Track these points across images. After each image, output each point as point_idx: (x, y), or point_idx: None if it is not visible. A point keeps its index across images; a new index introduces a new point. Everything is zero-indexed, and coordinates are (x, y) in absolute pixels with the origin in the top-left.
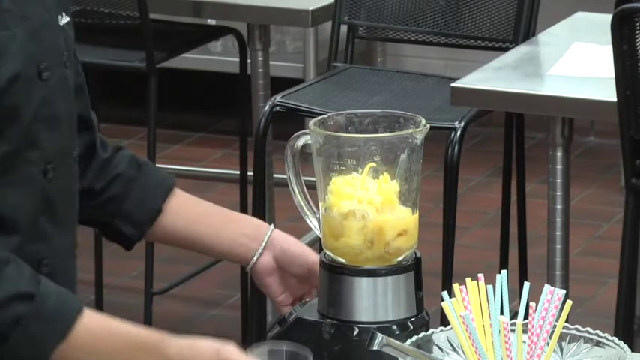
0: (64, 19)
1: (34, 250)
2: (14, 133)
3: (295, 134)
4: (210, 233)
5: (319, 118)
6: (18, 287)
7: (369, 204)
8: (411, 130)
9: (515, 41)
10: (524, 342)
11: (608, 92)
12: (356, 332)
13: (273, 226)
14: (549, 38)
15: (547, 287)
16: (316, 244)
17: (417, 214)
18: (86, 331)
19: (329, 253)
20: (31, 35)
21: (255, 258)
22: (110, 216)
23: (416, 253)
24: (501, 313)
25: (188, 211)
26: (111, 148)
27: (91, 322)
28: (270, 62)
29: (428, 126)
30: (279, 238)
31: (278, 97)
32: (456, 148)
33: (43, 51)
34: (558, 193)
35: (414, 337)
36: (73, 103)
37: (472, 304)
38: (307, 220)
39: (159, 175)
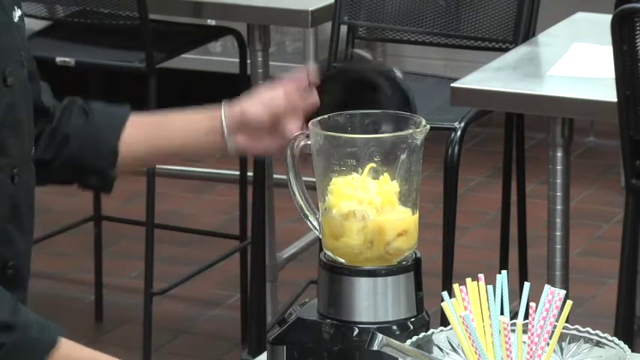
0: (17, 14)
1: (0, 255)
2: None
3: (295, 134)
4: (173, 146)
5: (319, 118)
6: None
7: (369, 204)
8: (411, 131)
9: (515, 42)
10: (524, 342)
11: (608, 92)
12: (356, 332)
13: (222, 105)
14: (549, 38)
15: (547, 288)
16: (316, 244)
17: (417, 215)
18: (66, 357)
19: (329, 253)
20: None
21: (228, 146)
22: (74, 174)
23: (416, 254)
24: (501, 313)
25: (143, 137)
26: (58, 112)
27: (69, 348)
28: (270, 62)
29: (428, 126)
30: (231, 115)
31: None
32: (456, 148)
33: (6, 55)
34: (558, 194)
35: (414, 338)
36: (31, 103)
37: (472, 304)
38: (307, 221)
39: (107, 114)
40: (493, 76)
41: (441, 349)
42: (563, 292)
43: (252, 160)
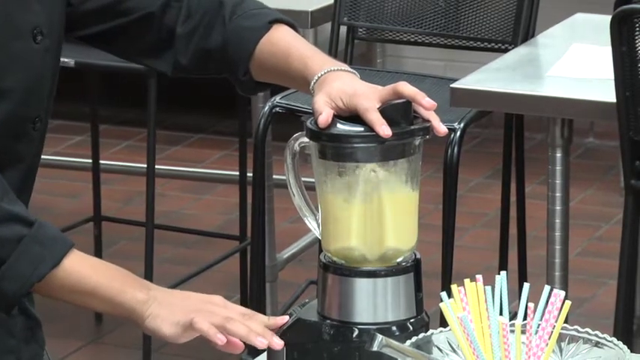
0: None
1: None
2: None
3: (295, 135)
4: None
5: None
6: (18, 211)
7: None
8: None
9: (515, 42)
10: (523, 343)
11: (607, 93)
12: (355, 333)
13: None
14: (548, 39)
15: (547, 288)
16: (316, 245)
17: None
18: (80, 258)
19: (328, 254)
20: None
21: None
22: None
23: (415, 255)
24: (501, 314)
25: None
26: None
27: (81, 255)
28: None
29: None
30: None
31: (278, 98)
32: (456, 149)
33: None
34: (558, 194)
35: (414, 338)
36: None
37: (470, 305)
38: (307, 221)
39: (244, 34)
40: (492, 76)
41: (440, 350)
42: (563, 292)
43: (251, 162)
